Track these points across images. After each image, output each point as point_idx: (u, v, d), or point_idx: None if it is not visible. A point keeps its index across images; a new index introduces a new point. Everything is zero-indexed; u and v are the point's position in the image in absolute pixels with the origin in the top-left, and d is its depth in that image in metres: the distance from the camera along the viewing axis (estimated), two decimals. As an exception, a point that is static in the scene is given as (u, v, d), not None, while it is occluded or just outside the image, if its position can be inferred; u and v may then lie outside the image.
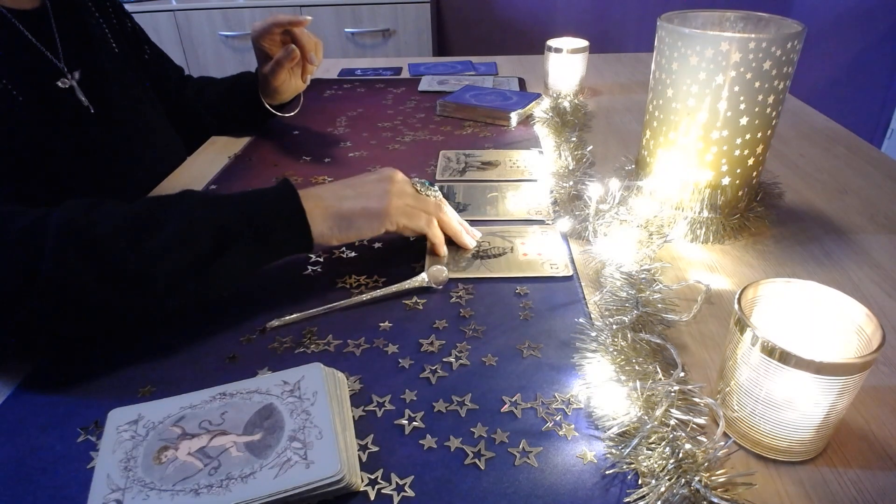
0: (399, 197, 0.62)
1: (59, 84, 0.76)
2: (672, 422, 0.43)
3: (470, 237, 0.68)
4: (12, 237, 0.48)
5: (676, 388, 0.45)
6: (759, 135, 0.65)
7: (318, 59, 0.93)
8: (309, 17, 0.90)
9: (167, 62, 1.04)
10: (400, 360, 0.52)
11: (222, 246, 0.53)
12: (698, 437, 0.43)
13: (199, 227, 0.52)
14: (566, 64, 1.14)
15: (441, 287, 0.61)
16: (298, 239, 0.57)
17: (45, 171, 0.73)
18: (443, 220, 0.65)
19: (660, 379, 0.46)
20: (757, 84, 0.61)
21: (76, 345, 0.55)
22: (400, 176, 0.64)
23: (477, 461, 0.43)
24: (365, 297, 0.60)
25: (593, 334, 0.52)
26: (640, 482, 0.41)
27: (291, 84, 0.96)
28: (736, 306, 0.41)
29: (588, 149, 0.89)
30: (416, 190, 0.65)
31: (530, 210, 0.76)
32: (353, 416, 0.47)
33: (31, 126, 0.71)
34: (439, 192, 0.67)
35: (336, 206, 0.59)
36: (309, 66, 0.93)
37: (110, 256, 0.49)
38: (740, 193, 0.69)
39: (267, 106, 0.97)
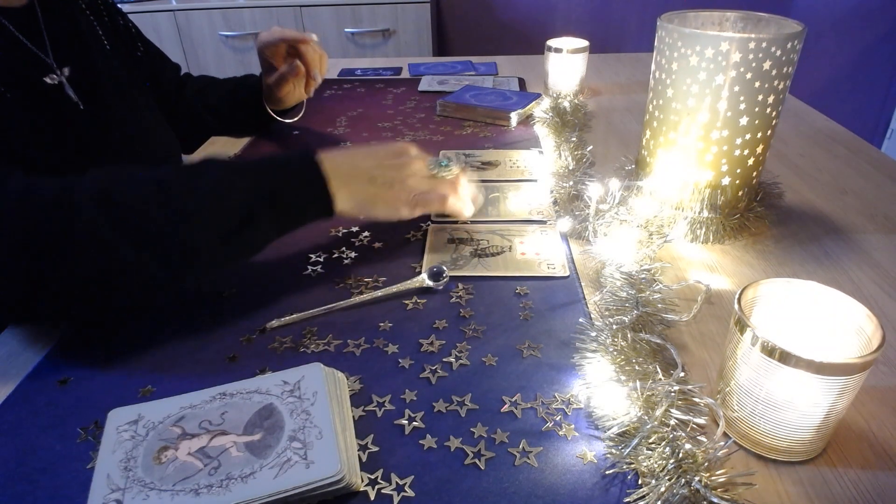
0: (416, 185, 0.64)
1: (48, 80, 0.75)
2: (672, 422, 0.43)
3: (467, 208, 0.71)
4: (44, 205, 0.49)
5: (676, 388, 0.45)
6: (759, 135, 0.65)
7: (322, 73, 0.94)
8: (314, 37, 0.92)
9: (163, 60, 1.04)
10: (400, 360, 0.52)
11: (251, 215, 0.54)
12: (698, 437, 0.43)
13: (229, 195, 0.54)
14: (566, 64, 1.14)
15: (440, 287, 0.61)
16: (322, 212, 0.59)
17: (36, 168, 0.73)
18: (454, 198, 0.67)
19: (660, 379, 0.46)
20: (757, 84, 0.61)
21: (104, 319, 0.56)
22: (417, 165, 0.65)
23: (477, 461, 0.43)
24: (365, 297, 0.60)
25: (593, 334, 0.52)
26: (640, 482, 0.41)
27: (295, 94, 0.97)
28: (736, 306, 0.41)
29: (588, 149, 0.89)
30: (433, 172, 0.66)
31: (531, 210, 0.76)
32: (353, 416, 0.47)
33: (19, 122, 0.71)
34: (454, 166, 0.67)
35: (361, 192, 0.61)
36: (312, 81, 0.95)
37: (141, 221, 0.50)
38: (740, 193, 0.69)
39: (270, 112, 0.98)
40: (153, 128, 0.93)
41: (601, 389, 0.47)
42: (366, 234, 0.72)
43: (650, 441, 0.42)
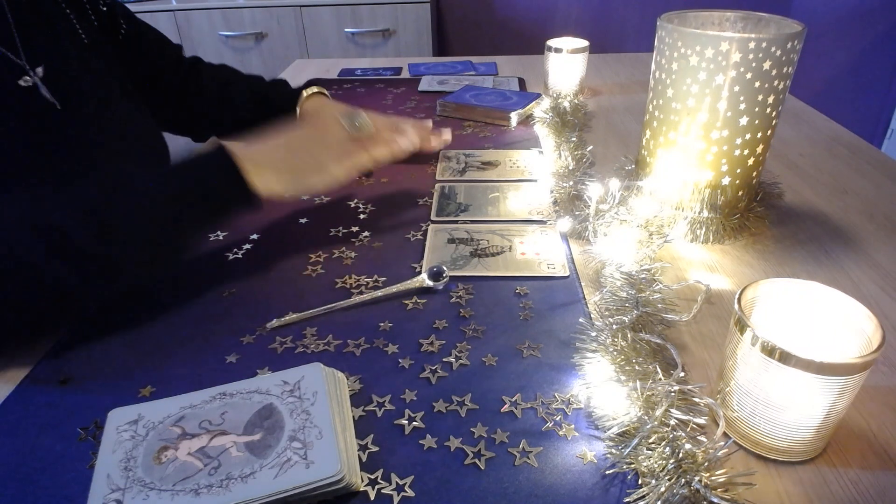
0: (337, 147, 0.66)
1: (21, 83, 0.72)
2: (672, 422, 0.43)
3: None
4: None
5: (676, 388, 0.45)
6: (759, 135, 0.65)
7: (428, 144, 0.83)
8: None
9: (158, 41, 0.97)
10: (400, 360, 0.52)
11: (177, 219, 0.57)
12: (698, 437, 0.43)
13: (154, 206, 0.56)
14: (566, 64, 1.14)
15: (440, 287, 0.61)
16: (246, 198, 0.59)
17: (15, 172, 0.72)
18: (383, 143, 0.69)
19: (660, 379, 0.46)
20: (757, 84, 0.61)
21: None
22: (332, 127, 0.68)
23: (477, 461, 0.43)
24: (365, 297, 0.60)
25: (593, 334, 0.52)
26: (640, 482, 0.41)
27: None
28: (736, 306, 0.41)
29: (588, 149, 0.89)
30: (350, 132, 0.68)
31: (531, 210, 0.76)
32: (353, 416, 0.47)
33: None
34: (365, 121, 0.70)
35: (285, 166, 0.62)
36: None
37: (74, 244, 0.51)
38: (740, 193, 0.69)
39: None
40: (136, 121, 0.89)
41: (601, 389, 0.47)
42: (366, 234, 0.72)
43: (650, 441, 0.42)
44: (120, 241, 0.54)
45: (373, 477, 0.42)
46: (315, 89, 0.92)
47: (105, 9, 0.89)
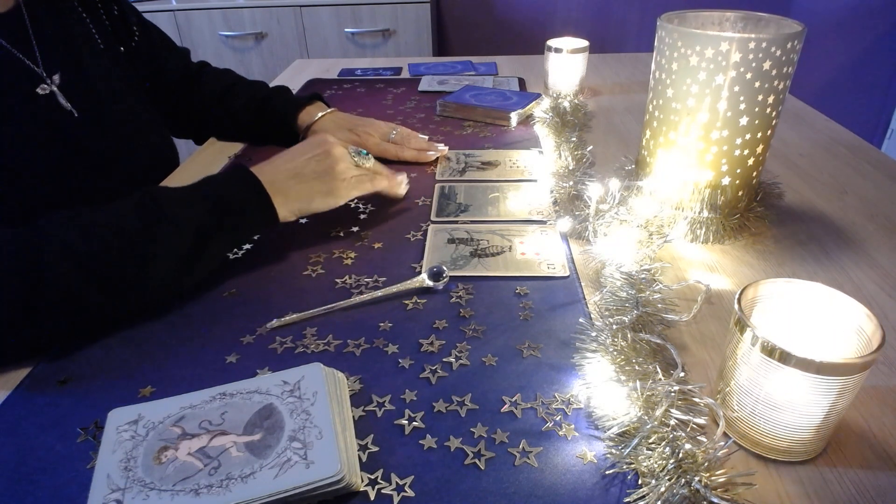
0: (344, 171, 0.69)
1: (39, 91, 0.72)
2: (672, 422, 0.43)
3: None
4: (8, 264, 0.50)
5: (676, 388, 0.45)
6: (759, 135, 0.65)
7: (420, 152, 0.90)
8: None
9: (167, 47, 0.97)
10: (400, 360, 0.52)
11: (204, 239, 0.59)
12: (698, 437, 0.43)
13: (182, 227, 0.57)
14: (566, 64, 1.14)
15: (440, 287, 0.61)
16: (267, 220, 0.64)
17: (32, 180, 0.71)
18: (385, 178, 0.74)
19: (660, 379, 0.46)
20: (757, 84, 0.61)
21: (72, 344, 0.55)
22: (338, 152, 0.70)
23: (477, 461, 0.43)
24: (365, 297, 0.60)
25: (593, 334, 0.52)
26: (640, 482, 0.41)
27: None
28: (736, 306, 0.41)
29: (588, 149, 0.89)
30: (355, 162, 0.72)
31: (531, 210, 0.76)
32: (353, 416, 0.47)
33: (11, 136, 0.68)
34: (370, 156, 0.74)
35: (295, 191, 0.66)
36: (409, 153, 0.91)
37: (107, 269, 0.53)
38: (740, 193, 0.69)
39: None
40: (149, 129, 0.89)
41: (601, 389, 0.47)
42: (366, 233, 0.72)
43: (650, 441, 0.42)
44: (153, 265, 0.56)
45: (373, 477, 0.42)
46: (321, 113, 0.92)
47: (117, 13, 0.88)
